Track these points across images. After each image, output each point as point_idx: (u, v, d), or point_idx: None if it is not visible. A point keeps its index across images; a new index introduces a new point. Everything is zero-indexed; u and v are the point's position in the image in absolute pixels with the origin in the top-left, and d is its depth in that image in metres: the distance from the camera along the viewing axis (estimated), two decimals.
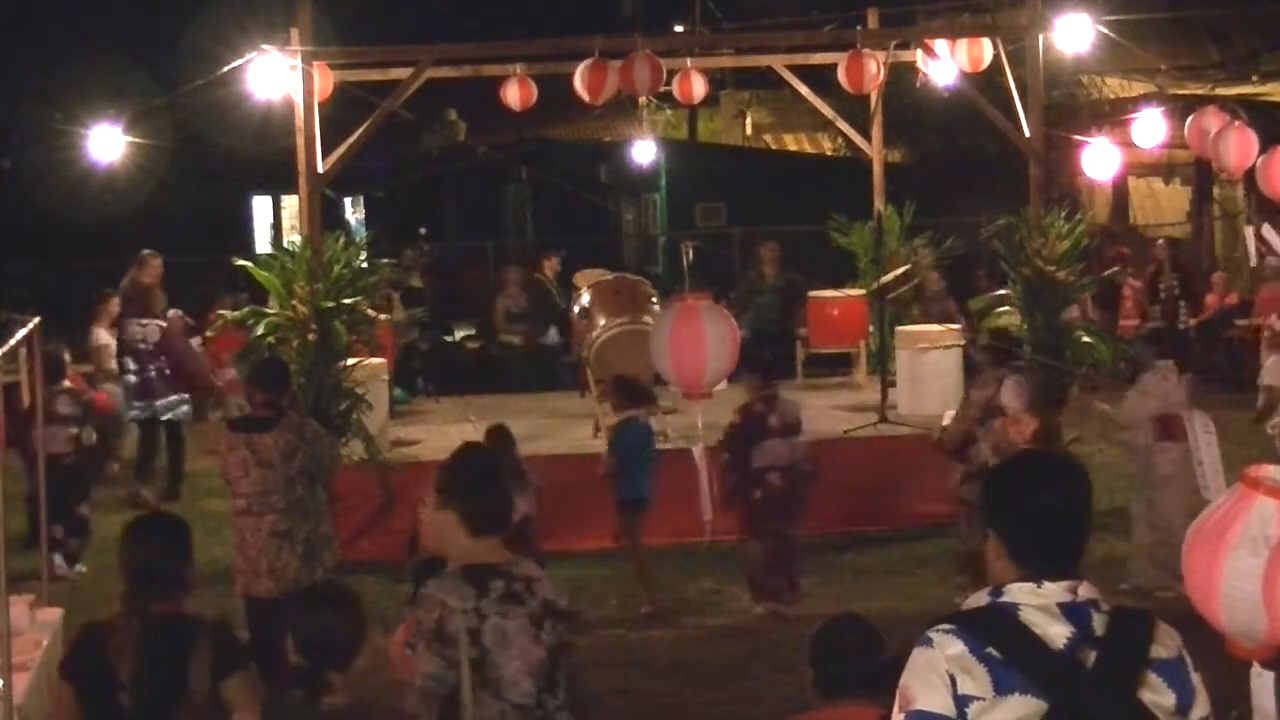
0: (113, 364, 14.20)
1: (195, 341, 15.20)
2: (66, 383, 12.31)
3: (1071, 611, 3.18)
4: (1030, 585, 3.20)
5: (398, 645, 5.16)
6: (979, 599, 3.25)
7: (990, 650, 3.12)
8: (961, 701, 3.11)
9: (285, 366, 9.88)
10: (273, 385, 8.66)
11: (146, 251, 14.24)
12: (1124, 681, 3.15)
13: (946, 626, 3.18)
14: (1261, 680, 3.87)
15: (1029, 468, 3.44)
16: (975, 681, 3.11)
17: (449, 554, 4.63)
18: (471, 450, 5.05)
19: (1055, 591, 3.20)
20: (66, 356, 12.64)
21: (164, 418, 13.96)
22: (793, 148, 30.47)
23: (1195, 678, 3.25)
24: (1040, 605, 3.18)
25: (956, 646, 3.14)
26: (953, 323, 14.77)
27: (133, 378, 13.82)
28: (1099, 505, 3.49)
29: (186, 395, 14.13)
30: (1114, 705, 3.13)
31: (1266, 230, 12.49)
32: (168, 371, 13.88)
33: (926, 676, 3.14)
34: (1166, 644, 3.23)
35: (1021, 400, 9.93)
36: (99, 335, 14.48)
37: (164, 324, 13.94)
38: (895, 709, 3.20)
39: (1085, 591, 3.22)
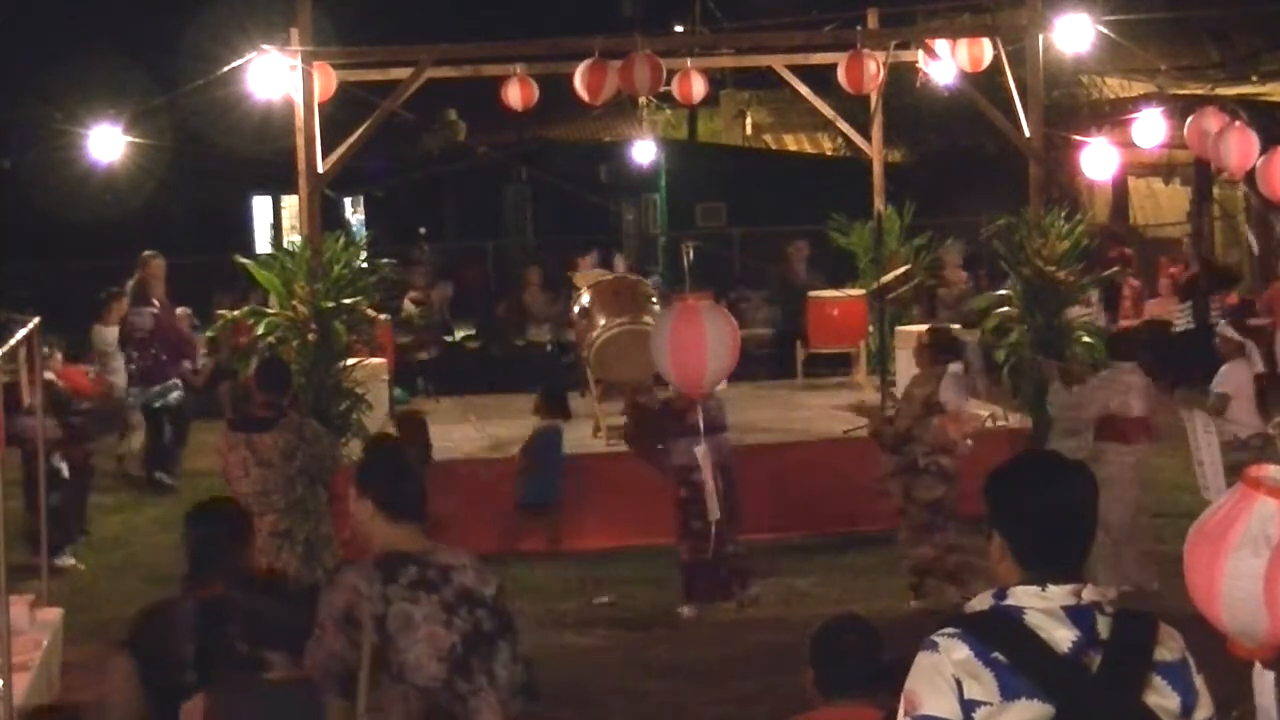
0: (117, 360, 14.38)
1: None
2: (50, 375, 12.41)
3: (1076, 615, 3.17)
4: (1035, 588, 3.18)
5: None
6: (982, 601, 3.23)
7: (996, 655, 3.10)
8: (968, 706, 3.09)
9: (286, 367, 9.87)
10: (273, 385, 8.66)
11: (148, 253, 14.35)
12: (1129, 685, 3.14)
13: (951, 630, 3.16)
14: (1263, 680, 3.86)
15: (1032, 467, 3.41)
16: (982, 686, 3.10)
17: (373, 542, 4.79)
18: (381, 441, 5.21)
19: (1060, 595, 3.18)
20: (45, 349, 12.75)
21: (156, 404, 14.12)
22: (793, 148, 30.50)
23: (1198, 679, 3.24)
24: (1045, 609, 3.16)
25: (962, 651, 3.12)
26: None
27: (132, 366, 14.04)
28: None
29: (178, 381, 14.29)
30: (1120, 709, 3.12)
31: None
32: (163, 358, 14.04)
33: (933, 681, 3.12)
34: (1170, 646, 3.22)
35: (960, 397, 9.94)
36: (105, 332, 14.58)
37: (155, 310, 14.03)
38: (900, 713, 3.18)
39: (1089, 594, 3.20)
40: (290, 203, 27.20)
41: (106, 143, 12.45)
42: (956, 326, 14.22)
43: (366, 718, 4.55)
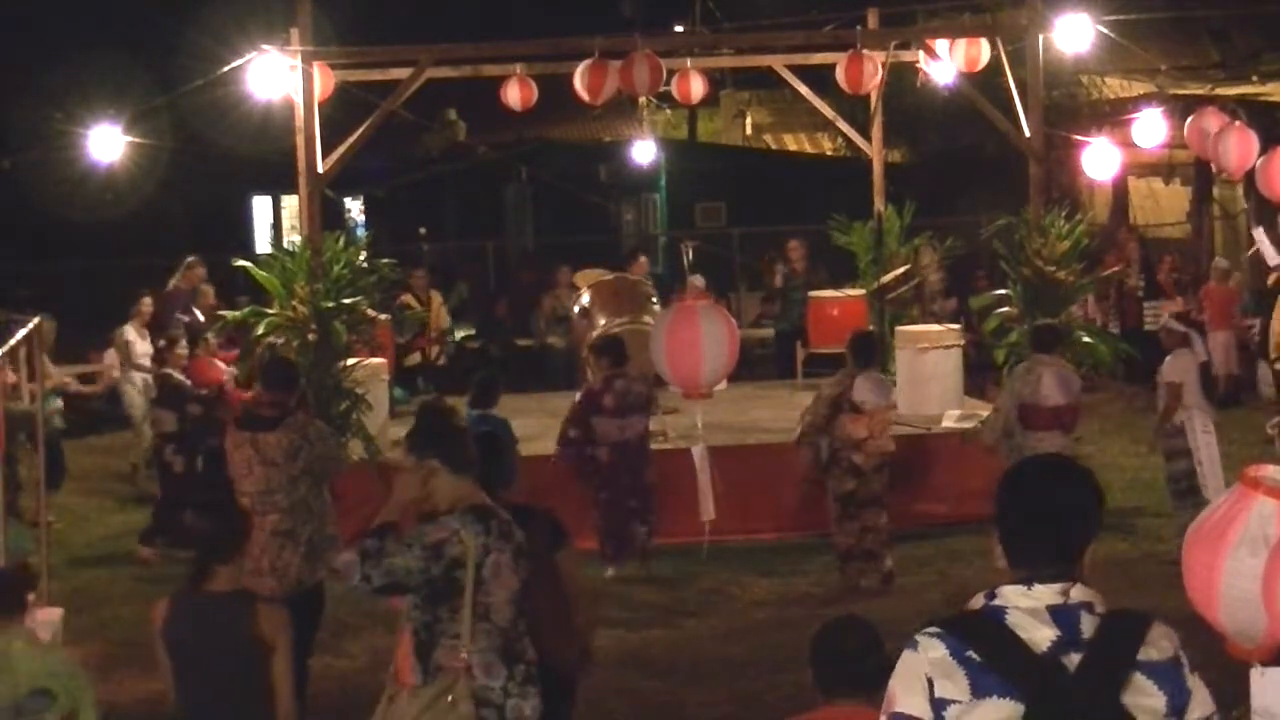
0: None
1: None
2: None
3: (1059, 614, 3.18)
4: (1021, 588, 3.21)
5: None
6: (976, 601, 3.26)
7: (970, 653, 3.15)
8: (939, 705, 3.15)
9: (293, 366, 9.82)
10: (279, 385, 8.65)
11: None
12: (1106, 684, 3.14)
13: (933, 630, 3.22)
14: (1262, 680, 3.85)
15: (1029, 471, 3.45)
16: (954, 684, 3.15)
17: (436, 499, 5.18)
18: (432, 404, 6.41)
19: (1046, 594, 3.20)
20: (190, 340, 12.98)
21: None
22: (793, 148, 30.49)
23: (1193, 679, 3.23)
24: (1029, 608, 3.19)
25: (939, 650, 3.18)
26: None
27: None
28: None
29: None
30: (1092, 708, 3.13)
31: (1258, 234, 12.51)
32: None
33: (908, 679, 3.20)
34: (1160, 645, 3.21)
35: (877, 397, 10.30)
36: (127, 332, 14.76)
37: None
38: (882, 710, 3.26)
39: (1078, 594, 3.21)
40: (290, 203, 27.19)
41: (106, 143, 12.46)
42: (938, 327, 14.28)
43: (465, 646, 5.05)
